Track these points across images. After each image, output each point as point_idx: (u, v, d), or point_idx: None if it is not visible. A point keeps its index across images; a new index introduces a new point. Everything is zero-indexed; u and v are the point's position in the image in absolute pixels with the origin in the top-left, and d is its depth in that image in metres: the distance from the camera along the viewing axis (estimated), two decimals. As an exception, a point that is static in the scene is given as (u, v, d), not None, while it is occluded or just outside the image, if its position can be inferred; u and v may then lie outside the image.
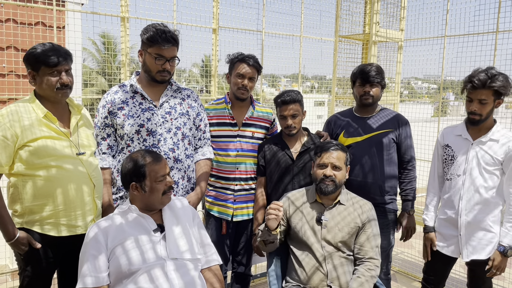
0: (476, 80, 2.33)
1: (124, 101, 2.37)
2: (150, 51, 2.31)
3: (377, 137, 2.73)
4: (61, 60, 2.02)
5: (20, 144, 1.98)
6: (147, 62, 2.35)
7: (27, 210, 2.04)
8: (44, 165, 2.02)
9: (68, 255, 2.14)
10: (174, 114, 2.43)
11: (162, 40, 2.27)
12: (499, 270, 2.42)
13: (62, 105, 2.17)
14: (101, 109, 2.38)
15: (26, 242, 2.02)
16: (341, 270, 2.26)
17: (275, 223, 2.27)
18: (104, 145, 2.38)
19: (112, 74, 3.76)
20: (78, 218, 2.12)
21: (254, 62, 2.71)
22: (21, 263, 2.12)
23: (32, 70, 2.03)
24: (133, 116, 2.34)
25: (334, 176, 2.30)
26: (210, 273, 2.08)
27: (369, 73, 2.69)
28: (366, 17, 4.53)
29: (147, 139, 2.34)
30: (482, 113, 2.37)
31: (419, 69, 4.52)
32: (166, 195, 2.00)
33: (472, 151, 2.46)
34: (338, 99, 4.77)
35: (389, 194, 2.78)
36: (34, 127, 2.01)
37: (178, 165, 2.41)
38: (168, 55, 2.32)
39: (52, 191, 2.04)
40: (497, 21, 3.56)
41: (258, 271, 4.03)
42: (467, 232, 2.48)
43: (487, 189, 2.43)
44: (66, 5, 4.19)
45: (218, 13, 3.64)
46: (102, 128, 2.37)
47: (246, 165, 2.79)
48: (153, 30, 2.29)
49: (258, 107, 2.86)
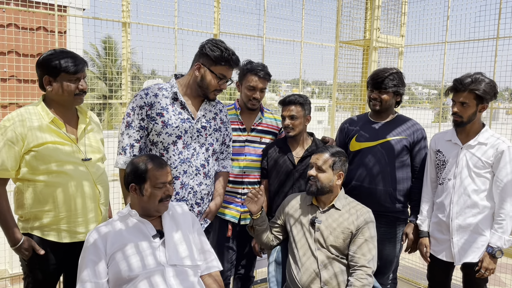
0: (459, 83, 2.40)
1: (163, 107, 2.26)
2: (214, 69, 2.26)
3: (389, 144, 2.71)
4: (80, 67, 2.07)
5: (26, 149, 2.00)
6: (206, 78, 2.28)
7: (31, 215, 2.05)
8: (49, 171, 2.02)
9: (72, 261, 2.14)
10: (209, 130, 2.38)
11: (233, 63, 2.27)
12: (488, 271, 2.42)
13: (71, 111, 2.18)
14: (138, 110, 2.25)
15: (29, 248, 2.03)
16: (340, 278, 2.25)
17: (254, 207, 2.39)
18: (136, 148, 2.25)
19: (113, 79, 3.77)
20: (80, 225, 2.11)
21: (265, 74, 2.73)
22: (25, 269, 2.12)
23: (49, 75, 2.04)
24: (172, 126, 2.25)
25: (316, 177, 2.30)
26: (211, 279, 2.07)
27: (379, 79, 2.67)
28: (366, 23, 4.55)
29: (182, 152, 2.28)
30: (463, 115, 2.41)
31: (420, 75, 4.53)
32: (162, 203, 1.98)
33: (461, 155, 2.48)
34: (339, 105, 4.77)
35: (400, 202, 2.74)
36: (40, 132, 2.02)
37: (207, 180, 2.38)
38: (230, 76, 2.32)
39: (55, 197, 2.04)
40: (498, 28, 3.57)
41: (259, 276, 4.01)
42: (459, 236, 2.49)
43: (477, 192, 2.44)
44: (67, 10, 4.20)
45: (219, 19, 3.65)
46: (137, 129, 2.25)
47: (254, 170, 2.81)
48: (222, 49, 2.24)
49: (267, 114, 2.91)
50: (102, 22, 3.19)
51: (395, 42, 4.45)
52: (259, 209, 2.42)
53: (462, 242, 2.49)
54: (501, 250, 2.40)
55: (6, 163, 1.99)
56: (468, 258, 2.47)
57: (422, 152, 2.74)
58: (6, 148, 1.98)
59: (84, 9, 4.53)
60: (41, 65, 2.06)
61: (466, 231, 2.48)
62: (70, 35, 3.81)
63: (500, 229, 2.40)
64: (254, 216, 2.43)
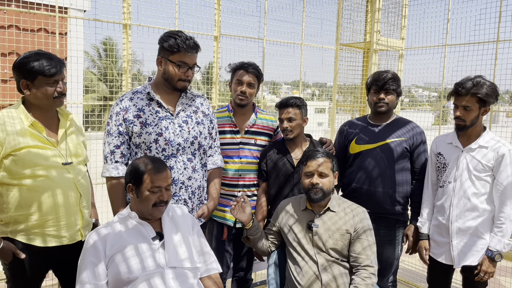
0: (460, 87, 2.39)
1: (140, 108, 2.29)
2: (172, 58, 2.24)
3: (389, 146, 2.71)
4: (58, 69, 2.00)
5: (5, 153, 1.94)
6: (168, 70, 2.26)
7: (11, 219, 2.00)
8: (29, 175, 1.97)
9: (60, 265, 2.12)
10: (191, 124, 2.39)
11: (187, 47, 2.21)
12: (488, 274, 2.42)
13: (51, 113, 2.11)
14: (115, 116, 2.28)
15: (10, 252, 1.98)
16: (340, 280, 2.25)
17: (243, 216, 2.38)
18: (117, 154, 2.27)
19: (114, 80, 3.77)
20: (63, 228, 2.07)
21: (253, 69, 2.72)
22: (7, 273, 2.09)
23: (26, 79, 1.98)
24: (151, 125, 2.27)
25: (321, 184, 2.29)
26: (210, 281, 2.07)
27: (384, 80, 2.67)
28: (367, 25, 4.55)
29: (166, 149, 2.28)
30: (467, 119, 2.41)
31: (420, 77, 4.54)
32: (157, 207, 1.96)
33: (462, 158, 2.49)
34: (339, 107, 4.77)
35: (400, 205, 2.74)
36: (19, 136, 1.97)
37: (195, 174, 2.38)
38: (191, 62, 2.27)
39: (36, 201, 1.99)
40: (498, 31, 3.57)
41: (258, 278, 4.01)
42: (458, 239, 2.49)
43: (477, 196, 2.44)
44: (68, 12, 4.21)
45: (220, 21, 3.66)
46: (116, 136, 2.27)
47: (249, 172, 2.80)
48: (175, 37, 2.22)
49: (261, 115, 2.88)
50: (103, 24, 3.20)
51: (396, 44, 4.45)
52: (250, 218, 2.40)
53: (461, 245, 2.49)
54: (501, 254, 2.40)
55: None
56: (468, 261, 2.47)
57: (421, 155, 2.74)
58: None
59: (85, 11, 4.54)
60: (17, 69, 1.99)
61: (465, 234, 2.48)
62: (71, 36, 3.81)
63: (500, 232, 2.39)
64: (246, 226, 2.41)
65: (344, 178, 2.86)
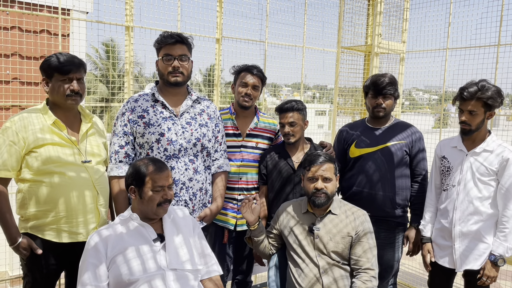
0: (466, 91, 2.38)
1: (144, 109, 2.34)
2: (159, 55, 2.34)
3: (388, 149, 2.71)
4: (73, 68, 2.08)
5: (27, 150, 2.03)
6: (159, 66, 2.35)
7: (31, 215, 2.08)
8: (48, 172, 2.05)
9: (73, 261, 2.14)
10: (194, 125, 2.40)
11: (166, 37, 2.30)
12: (490, 279, 2.41)
13: (73, 113, 2.21)
14: (121, 117, 2.34)
15: (27, 247, 2.05)
16: (341, 283, 2.25)
17: (250, 216, 2.37)
18: (121, 153, 2.31)
19: (115, 82, 3.78)
20: (79, 225, 2.13)
21: (257, 72, 2.73)
22: (24, 268, 2.15)
23: (46, 77, 2.10)
24: (154, 125, 2.31)
25: (325, 189, 2.29)
26: (211, 283, 2.07)
27: (382, 84, 2.66)
28: (368, 28, 4.57)
29: (168, 149, 2.31)
30: (472, 123, 2.41)
31: (421, 81, 4.54)
32: (161, 206, 1.98)
33: (466, 162, 2.48)
34: (340, 109, 4.78)
35: (400, 207, 2.74)
36: (41, 133, 2.06)
37: (197, 176, 2.39)
38: (175, 53, 2.30)
39: (55, 198, 2.06)
40: (499, 35, 3.58)
41: (258, 281, 4.01)
42: (460, 242, 2.49)
43: (481, 200, 2.44)
44: (71, 14, 4.22)
45: (222, 23, 3.67)
46: (120, 136, 2.32)
47: (250, 175, 2.79)
48: (160, 36, 2.34)
49: (263, 118, 2.88)
50: (105, 26, 3.21)
51: (397, 48, 4.46)
52: (256, 219, 2.40)
53: (463, 248, 2.48)
54: (503, 259, 2.38)
55: (7, 163, 2.03)
56: (469, 265, 2.46)
57: (421, 160, 2.75)
58: (7, 148, 2.02)
59: (87, 13, 4.55)
60: (41, 68, 2.12)
61: (467, 238, 2.47)
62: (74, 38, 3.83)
63: (503, 237, 2.38)
64: (251, 227, 2.41)
65: (343, 181, 2.86)
